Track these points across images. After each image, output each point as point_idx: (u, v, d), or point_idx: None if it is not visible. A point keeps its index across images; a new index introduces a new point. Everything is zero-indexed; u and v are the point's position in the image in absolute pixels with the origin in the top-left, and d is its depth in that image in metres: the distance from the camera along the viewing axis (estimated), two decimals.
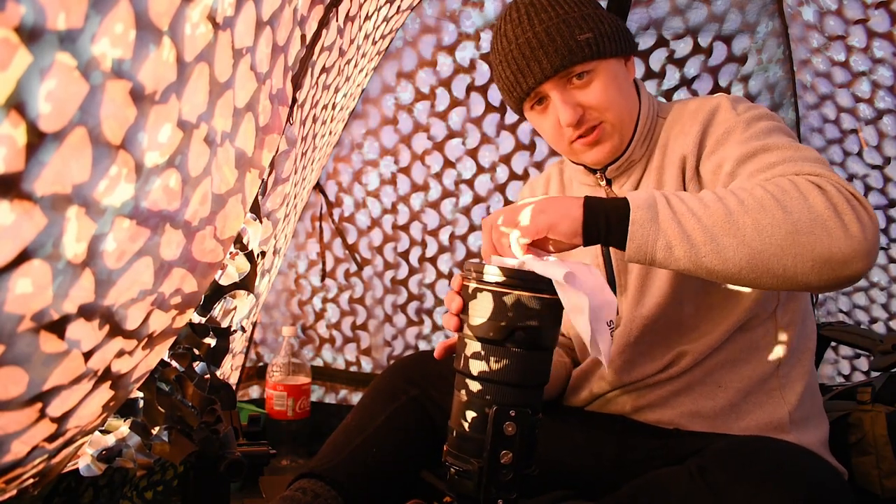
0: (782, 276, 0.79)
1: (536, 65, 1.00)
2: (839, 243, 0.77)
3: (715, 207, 0.81)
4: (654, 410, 1.03)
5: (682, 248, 0.80)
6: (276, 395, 1.72)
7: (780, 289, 0.82)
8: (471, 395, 0.81)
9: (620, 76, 1.04)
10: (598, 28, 1.00)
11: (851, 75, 1.44)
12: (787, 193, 0.80)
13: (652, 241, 0.81)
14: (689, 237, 0.80)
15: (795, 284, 0.80)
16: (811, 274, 0.78)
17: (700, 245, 0.80)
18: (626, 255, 0.83)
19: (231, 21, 0.67)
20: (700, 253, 0.80)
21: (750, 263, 0.79)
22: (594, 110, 1.02)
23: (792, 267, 0.78)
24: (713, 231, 0.80)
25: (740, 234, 0.79)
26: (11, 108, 0.44)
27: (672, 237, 0.80)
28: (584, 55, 0.99)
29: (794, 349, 1.02)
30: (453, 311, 0.85)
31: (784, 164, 0.87)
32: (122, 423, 0.92)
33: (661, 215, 0.81)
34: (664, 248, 0.81)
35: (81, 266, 0.57)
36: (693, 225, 0.80)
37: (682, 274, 0.99)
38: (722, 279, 0.82)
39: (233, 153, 0.78)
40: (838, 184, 0.82)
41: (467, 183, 1.82)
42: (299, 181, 1.33)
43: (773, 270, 0.79)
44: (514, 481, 0.78)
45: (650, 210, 0.82)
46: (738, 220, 0.79)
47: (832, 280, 0.79)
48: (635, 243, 0.81)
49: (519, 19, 1.03)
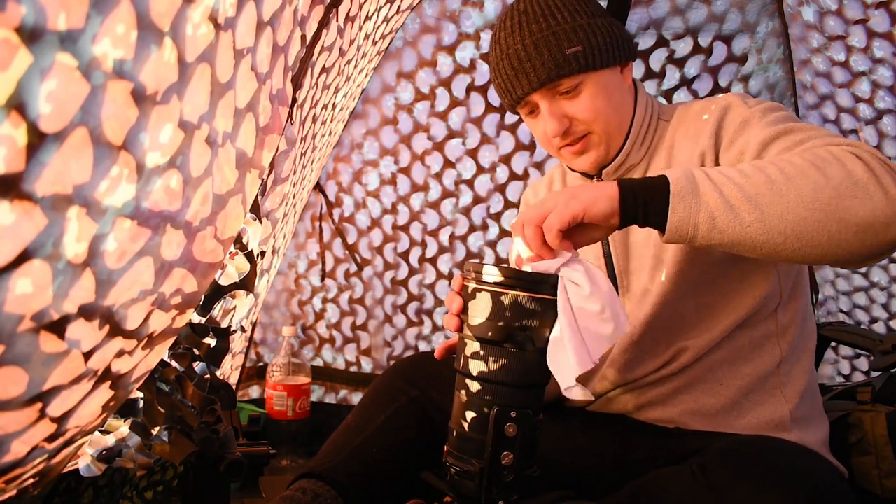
0: (826, 245, 0.77)
1: (524, 76, 1.01)
2: (882, 206, 0.76)
3: (756, 177, 0.79)
4: (655, 409, 1.03)
5: (726, 219, 0.77)
6: (276, 395, 1.72)
7: (823, 260, 0.79)
8: (470, 396, 0.81)
9: (612, 86, 1.03)
10: (590, 40, 0.99)
11: (851, 75, 1.44)
12: (826, 160, 0.79)
13: (694, 213, 0.78)
14: (733, 207, 0.77)
15: (839, 253, 0.78)
16: (854, 241, 0.76)
17: (744, 214, 0.77)
18: (667, 232, 0.80)
19: (232, 21, 0.67)
20: (745, 222, 0.77)
21: (795, 231, 0.77)
22: (581, 122, 1.02)
23: (836, 234, 0.76)
24: (757, 200, 0.77)
25: (784, 201, 0.77)
26: (12, 108, 0.44)
27: (715, 208, 0.78)
28: (570, 69, 0.99)
29: (794, 348, 1.02)
30: (454, 312, 0.85)
31: (813, 140, 0.86)
32: (122, 423, 0.92)
33: (702, 186, 0.79)
34: (707, 219, 0.78)
35: (82, 266, 0.57)
36: (735, 194, 0.78)
37: (684, 272, 0.99)
38: (765, 251, 0.79)
39: (233, 153, 0.78)
40: (871, 151, 0.81)
41: (467, 183, 1.82)
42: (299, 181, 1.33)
43: (818, 239, 0.77)
44: (515, 482, 0.78)
45: (690, 182, 0.79)
46: (781, 187, 0.77)
47: (875, 246, 0.77)
48: (678, 216, 0.78)
49: (511, 28, 1.03)
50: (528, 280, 0.79)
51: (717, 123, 0.98)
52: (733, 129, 0.96)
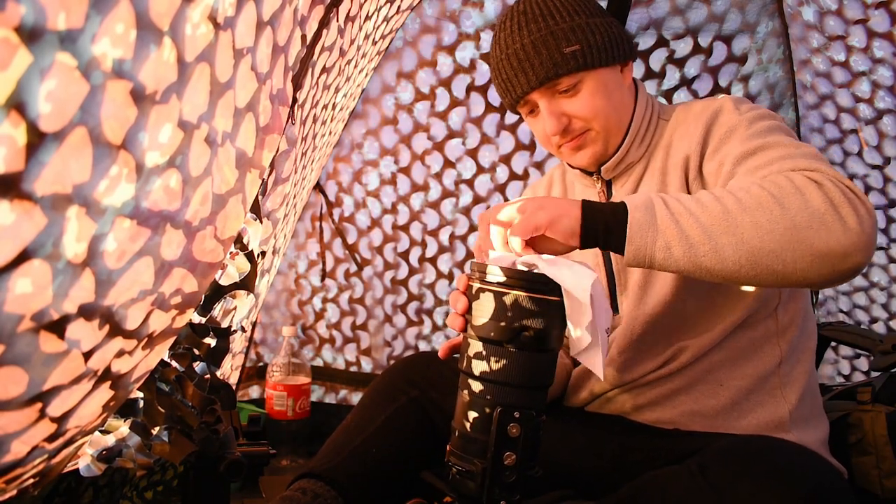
0: (782, 273, 0.79)
1: (523, 76, 1.02)
2: (837, 237, 0.77)
3: (712, 207, 0.81)
4: (654, 410, 1.03)
5: (681, 249, 0.80)
6: (276, 395, 1.72)
7: (780, 286, 0.82)
8: (473, 396, 0.81)
9: (611, 84, 1.04)
10: (588, 39, 1.01)
11: (851, 75, 1.44)
12: (784, 190, 0.80)
13: (651, 243, 0.81)
14: (688, 237, 0.80)
15: (795, 281, 0.80)
16: (810, 269, 0.78)
17: (698, 245, 0.80)
18: (626, 259, 0.83)
19: (232, 21, 0.67)
20: (699, 253, 0.80)
21: (749, 261, 0.79)
22: (580, 120, 1.03)
23: (791, 263, 0.78)
24: (711, 230, 0.80)
25: (738, 232, 0.79)
26: (11, 108, 0.44)
27: (671, 238, 0.80)
28: (569, 68, 1.00)
29: (794, 348, 1.02)
30: (458, 311, 0.85)
31: (782, 161, 0.87)
32: (122, 423, 0.92)
33: (659, 216, 0.81)
34: (663, 248, 0.81)
35: (81, 266, 0.57)
36: (691, 224, 0.80)
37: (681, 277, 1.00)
38: (721, 279, 0.82)
39: (233, 153, 0.78)
40: (835, 178, 0.82)
41: (467, 183, 1.82)
42: (299, 181, 1.33)
43: (772, 267, 0.79)
44: (518, 482, 0.78)
45: (648, 212, 0.82)
46: (736, 218, 0.80)
47: (831, 275, 0.79)
48: (634, 245, 0.82)
49: (511, 29, 1.05)
50: (531, 280, 0.79)
51: (706, 127, 1.00)
52: (719, 137, 0.98)
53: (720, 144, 0.97)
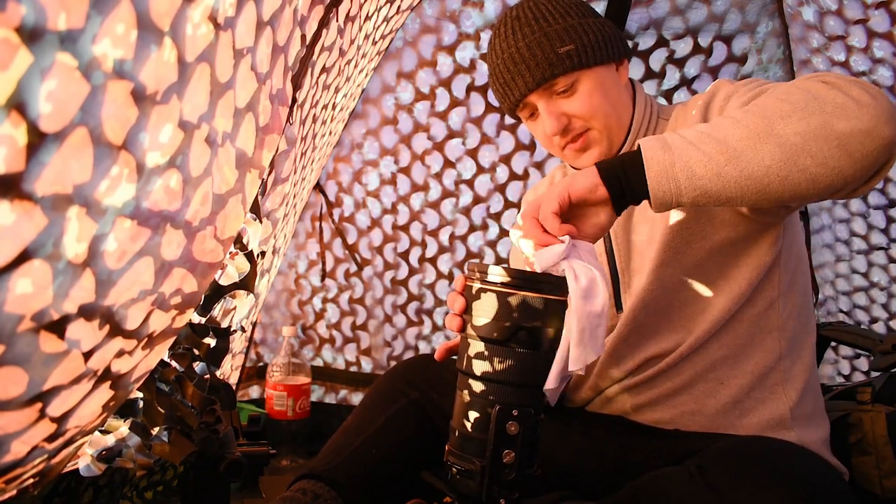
0: (814, 168, 0.77)
1: (520, 78, 1.03)
2: (855, 114, 0.76)
3: (721, 122, 0.81)
4: (654, 409, 1.03)
5: (701, 163, 0.79)
6: (276, 395, 1.72)
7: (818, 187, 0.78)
8: (473, 395, 0.81)
9: (607, 83, 1.04)
10: (581, 39, 1.02)
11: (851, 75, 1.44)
12: (790, 92, 0.81)
13: (669, 166, 0.80)
14: (704, 151, 0.79)
15: (830, 175, 0.77)
16: (841, 156, 0.76)
17: (717, 155, 0.78)
18: (651, 192, 0.81)
19: (232, 21, 0.67)
20: (720, 162, 0.78)
21: (775, 161, 0.77)
22: (579, 118, 1.04)
23: (819, 154, 0.76)
24: (726, 140, 0.79)
25: (753, 134, 0.78)
26: (12, 108, 0.44)
27: (688, 156, 0.79)
28: (564, 67, 1.01)
29: (794, 344, 1.02)
30: (456, 312, 0.85)
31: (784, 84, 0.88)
32: (122, 423, 0.92)
33: (671, 141, 0.81)
34: (684, 168, 0.79)
35: (82, 266, 0.57)
36: (703, 139, 0.80)
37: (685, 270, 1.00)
38: (753, 192, 0.79)
39: (233, 153, 0.78)
40: (836, 74, 0.83)
41: (467, 183, 1.82)
42: (299, 181, 1.33)
43: (802, 163, 0.77)
44: (517, 481, 0.78)
45: (659, 141, 0.82)
46: (748, 123, 0.79)
47: (864, 158, 0.77)
48: (654, 171, 0.80)
49: (505, 34, 1.06)
50: (533, 280, 0.79)
51: (704, 106, 1.01)
52: (718, 106, 0.99)
53: (720, 112, 0.98)
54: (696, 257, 1.00)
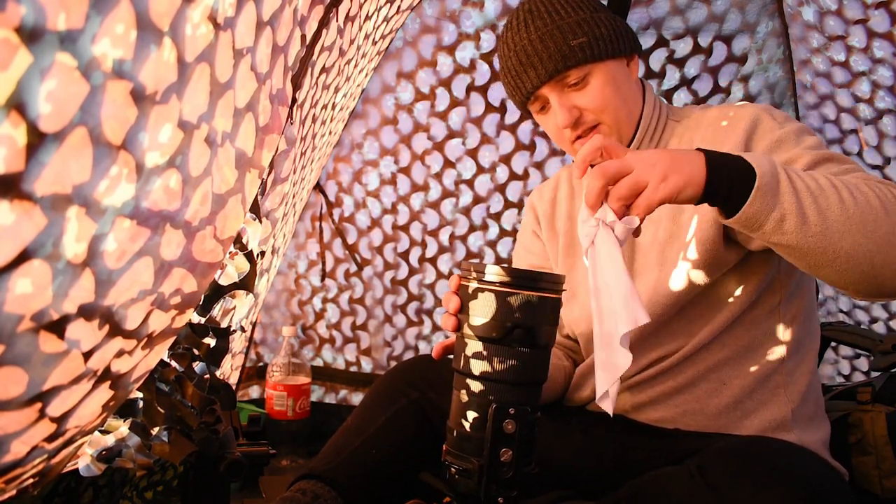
0: (867, 274, 0.80)
1: (532, 70, 1.03)
2: None
3: (829, 192, 0.81)
4: (655, 408, 1.03)
5: (794, 224, 0.79)
6: (276, 395, 1.72)
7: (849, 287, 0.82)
8: (471, 395, 0.81)
9: (619, 77, 1.05)
10: (594, 32, 1.02)
11: (851, 75, 1.44)
12: (886, 195, 0.82)
13: (768, 210, 0.79)
14: (805, 214, 0.79)
15: (870, 285, 0.81)
16: (889, 278, 0.80)
17: (812, 225, 0.79)
18: (737, 218, 0.80)
19: (232, 21, 0.67)
20: (809, 233, 0.79)
21: (848, 253, 0.79)
22: (590, 112, 1.04)
23: (880, 266, 0.80)
24: (826, 213, 0.79)
25: (849, 223, 0.79)
26: (12, 108, 0.44)
27: (788, 211, 0.79)
28: (577, 59, 1.01)
29: (798, 347, 1.02)
30: (451, 311, 0.85)
31: (857, 172, 0.89)
32: (122, 423, 0.92)
33: (783, 186, 0.80)
34: (777, 219, 0.79)
35: (81, 266, 0.57)
36: (809, 203, 0.79)
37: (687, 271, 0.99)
38: (809, 261, 0.81)
39: (233, 153, 0.78)
40: None
41: (467, 183, 1.82)
42: (298, 181, 1.33)
43: (862, 267, 0.80)
44: (514, 479, 0.79)
45: (773, 178, 0.80)
46: (850, 208, 0.80)
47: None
48: (754, 209, 0.79)
49: (517, 27, 1.06)
50: (530, 279, 0.79)
51: (745, 135, 0.98)
52: (765, 145, 0.96)
53: (769, 152, 0.96)
54: (699, 262, 1.00)
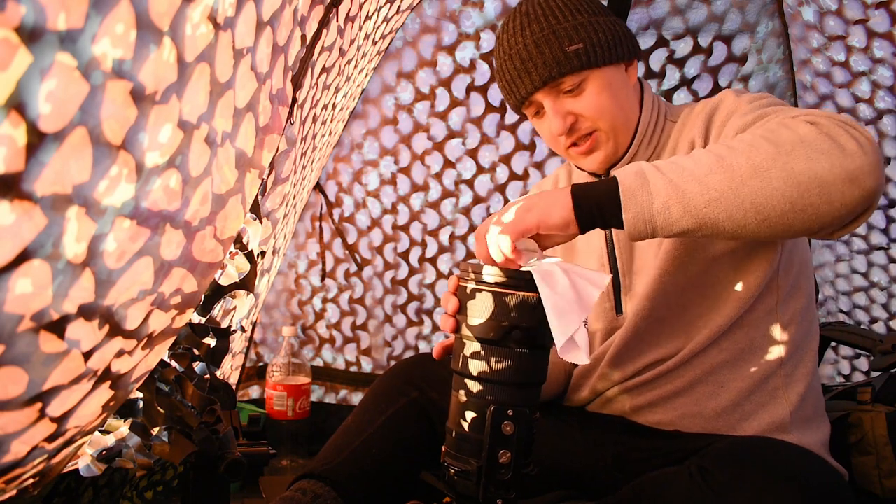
0: (791, 213, 0.76)
1: (527, 76, 1.02)
2: (840, 161, 0.75)
3: (705, 158, 0.79)
4: (654, 411, 1.03)
5: (680, 205, 0.77)
6: (276, 395, 1.72)
7: (794, 229, 0.78)
8: (469, 396, 0.81)
9: (616, 83, 1.03)
10: (591, 38, 1.00)
11: (851, 75, 1.44)
12: (776, 132, 0.79)
13: (647, 207, 0.78)
14: (684, 191, 0.77)
15: (808, 220, 0.76)
16: (820, 202, 0.75)
17: (697, 196, 0.77)
18: (627, 231, 0.80)
19: (232, 21, 0.67)
20: (699, 205, 0.77)
21: (754, 204, 0.76)
22: (586, 119, 1.03)
23: (799, 200, 0.75)
24: (708, 181, 0.77)
25: (736, 176, 0.76)
26: (11, 108, 0.44)
27: (666, 196, 0.78)
28: (572, 66, 0.99)
29: (797, 348, 1.02)
30: (449, 312, 0.85)
31: (778, 117, 0.85)
32: (122, 423, 0.92)
33: (652, 179, 0.79)
34: (661, 210, 0.78)
35: (81, 266, 0.57)
36: (685, 178, 0.77)
37: (687, 271, 0.99)
38: (730, 231, 0.78)
39: (233, 153, 0.78)
40: (828, 115, 0.80)
41: (467, 183, 1.82)
42: (299, 181, 1.33)
43: (780, 208, 0.76)
44: (513, 480, 0.78)
45: (639, 177, 0.79)
46: (731, 162, 0.77)
47: (845, 205, 0.75)
48: (631, 213, 0.79)
49: (514, 30, 1.04)
50: (528, 279, 0.79)
51: (707, 118, 1.00)
52: (720, 121, 0.97)
53: (722, 127, 0.96)
54: (699, 266, 1.00)
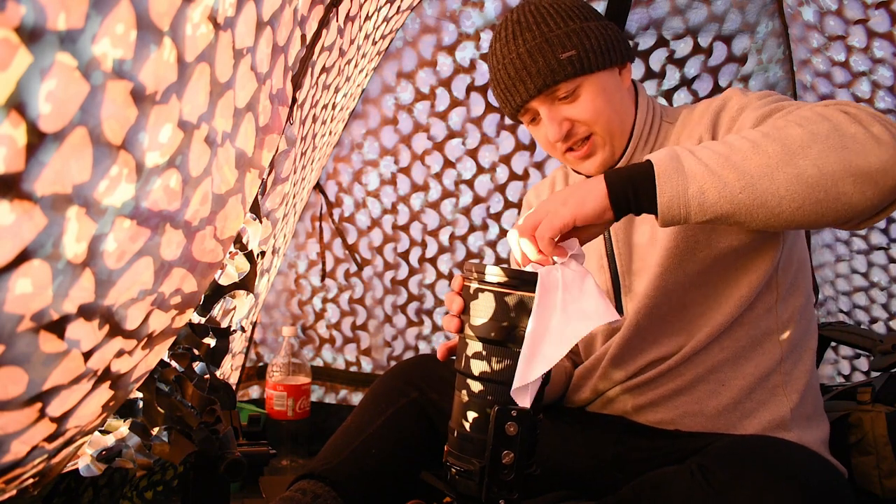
0: (825, 201, 0.76)
1: (521, 84, 1.02)
2: (874, 152, 0.76)
3: (739, 144, 0.79)
4: (655, 410, 1.03)
5: (715, 189, 0.77)
6: (276, 395, 1.72)
7: (826, 218, 0.78)
8: (472, 396, 0.81)
9: (610, 87, 1.03)
10: (583, 44, 1.00)
11: (851, 75, 1.44)
12: (811, 119, 0.79)
13: (682, 191, 0.78)
14: (720, 176, 0.77)
15: (840, 209, 0.77)
16: (854, 192, 0.76)
17: (733, 182, 0.77)
18: (661, 215, 0.80)
19: (232, 21, 0.67)
20: (735, 190, 0.77)
21: (789, 191, 0.76)
22: (582, 124, 1.03)
23: (833, 189, 0.76)
24: (744, 166, 0.77)
25: (772, 162, 0.77)
26: (11, 108, 0.44)
27: (702, 180, 0.78)
28: (566, 73, 0.99)
29: (795, 346, 1.02)
30: (454, 312, 0.85)
31: (808, 105, 0.86)
32: (122, 423, 0.92)
33: (686, 163, 0.79)
34: (697, 194, 0.78)
35: (81, 266, 0.57)
36: (720, 163, 0.78)
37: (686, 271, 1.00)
38: (763, 218, 0.78)
39: (233, 153, 0.78)
40: (860, 107, 0.81)
41: (467, 183, 1.82)
42: (299, 181, 1.33)
43: (815, 196, 0.76)
44: (516, 481, 0.78)
45: (674, 161, 0.79)
46: (767, 148, 0.77)
47: (875, 195, 0.77)
48: (666, 196, 0.78)
49: (506, 38, 1.04)
50: (531, 280, 0.79)
51: (714, 115, 0.99)
52: (730, 117, 0.97)
53: (732, 123, 0.96)
54: (699, 265, 1.00)
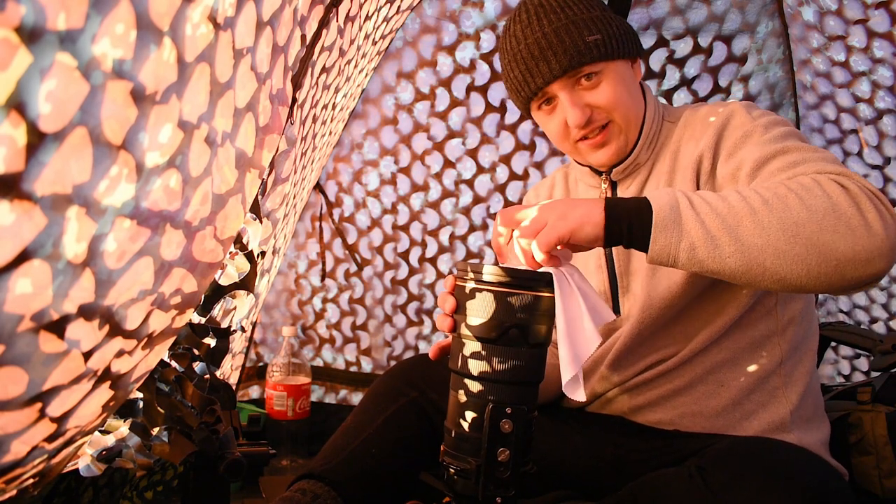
0: (805, 278, 0.78)
1: (545, 65, 1.01)
2: (863, 241, 0.77)
3: (739, 207, 0.80)
4: (654, 411, 1.03)
5: (706, 250, 0.79)
6: (276, 395, 1.72)
7: (801, 290, 0.81)
8: (468, 395, 0.81)
9: (628, 78, 1.04)
10: (607, 30, 1.01)
11: (851, 75, 1.44)
12: (811, 192, 0.80)
13: (675, 244, 0.80)
14: (714, 238, 0.79)
15: (817, 286, 0.79)
16: (834, 274, 0.78)
17: (724, 246, 0.79)
18: (649, 257, 0.82)
19: (232, 21, 0.67)
20: (724, 254, 0.79)
21: (774, 264, 0.78)
22: (602, 110, 1.03)
23: (816, 267, 0.77)
24: (738, 232, 0.78)
25: (765, 234, 0.78)
26: (11, 108, 0.44)
27: (696, 237, 0.79)
28: (592, 56, 1.00)
29: (796, 347, 1.02)
30: (447, 312, 0.85)
31: (805, 164, 0.86)
32: (122, 423, 0.92)
33: (685, 216, 0.80)
34: (687, 249, 0.79)
35: (81, 266, 0.57)
36: (717, 225, 0.79)
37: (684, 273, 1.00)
38: (744, 281, 0.81)
39: (233, 153, 0.78)
40: (860, 182, 0.81)
41: (467, 183, 1.82)
42: (299, 181, 1.33)
43: (796, 272, 0.78)
44: (512, 479, 0.79)
45: (673, 211, 0.80)
46: (763, 219, 0.78)
47: (854, 280, 0.78)
48: (658, 245, 0.80)
49: (528, 20, 1.04)
50: (527, 279, 0.79)
51: (719, 130, 0.99)
52: (733, 140, 0.97)
53: (735, 149, 0.96)
54: None
